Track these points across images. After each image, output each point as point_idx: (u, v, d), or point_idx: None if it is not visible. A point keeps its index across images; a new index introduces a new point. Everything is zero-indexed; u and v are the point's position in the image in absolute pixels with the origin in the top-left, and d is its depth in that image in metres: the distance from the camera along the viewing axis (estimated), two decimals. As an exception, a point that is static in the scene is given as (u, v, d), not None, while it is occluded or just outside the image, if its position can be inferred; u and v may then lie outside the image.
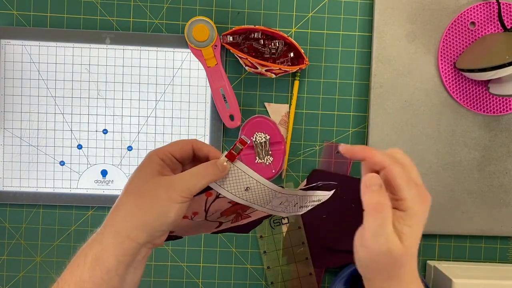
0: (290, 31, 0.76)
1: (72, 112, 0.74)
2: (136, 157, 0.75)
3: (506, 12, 0.75)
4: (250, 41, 0.73)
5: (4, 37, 0.73)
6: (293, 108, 0.76)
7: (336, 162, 0.77)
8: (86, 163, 0.75)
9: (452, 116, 0.76)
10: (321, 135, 0.77)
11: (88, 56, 0.74)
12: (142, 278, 0.78)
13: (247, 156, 0.74)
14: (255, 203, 0.49)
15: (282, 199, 0.50)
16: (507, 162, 0.77)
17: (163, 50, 0.75)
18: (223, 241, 0.77)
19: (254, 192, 0.48)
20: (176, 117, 0.75)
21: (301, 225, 0.77)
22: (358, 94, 0.77)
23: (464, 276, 0.72)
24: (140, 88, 0.75)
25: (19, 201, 0.75)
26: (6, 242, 0.76)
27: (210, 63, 0.73)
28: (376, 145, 0.76)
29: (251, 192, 0.48)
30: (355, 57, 0.77)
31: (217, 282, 0.78)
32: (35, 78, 0.74)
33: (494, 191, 0.77)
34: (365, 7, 0.76)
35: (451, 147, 0.76)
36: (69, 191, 0.75)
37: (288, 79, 0.77)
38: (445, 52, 0.75)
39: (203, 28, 0.72)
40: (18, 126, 0.74)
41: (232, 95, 0.73)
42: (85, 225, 0.76)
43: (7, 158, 0.74)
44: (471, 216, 0.77)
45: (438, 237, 0.79)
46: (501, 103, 0.76)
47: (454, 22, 0.75)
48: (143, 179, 0.45)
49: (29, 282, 0.76)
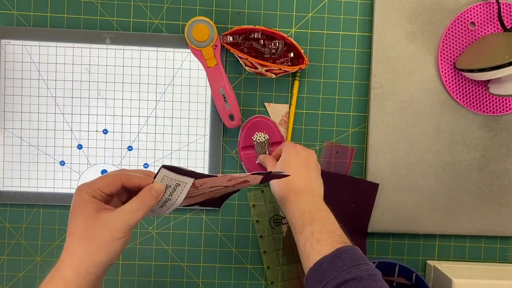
0: (290, 31, 0.76)
1: (72, 112, 0.75)
2: (136, 157, 0.75)
3: (506, 12, 0.75)
4: (250, 41, 0.73)
5: (4, 37, 0.73)
6: (293, 108, 0.76)
7: (336, 162, 0.77)
8: (86, 163, 0.75)
9: (452, 116, 0.76)
10: (321, 135, 0.77)
11: (88, 56, 0.74)
12: (142, 278, 0.78)
13: (247, 156, 0.74)
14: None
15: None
16: (507, 162, 0.77)
17: (163, 50, 0.75)
18: (223, 241, 0.78)
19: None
20: (176, 117, 0.75)
21: (301, 225, 0.76)
22: (358, 94, 0.77)
23: (464, 276, 0.72)
24: (140, 88, 0.75)
25: (19, 201, 0.75)
26: (6, 242, 0.76)
27: (210, 63, 0.73)
28: (376, 145, 0.76)
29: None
30: (355, 57, 0.77)
31: (217, 282, 0.78)
32: (35, 78, 0.74)
33: (494, 191, 0.77)
34: (365, 7, 0.76)
35: (451, 147, 0.76)
36: (69, 191, 0.75)
37: (288, 79, 0.77)
38: (445, 52, 0.75)
39: (203, 28, 0.72)
40: (18, 126, 0.74)
41: (232, 95, 0.73)
42: (85, 225, 0.76)
43: (7, 158, 0.74)
44: (471, 216, 0.77)
45: (438, 237, 0.79)
46: (501, 103, 0.76)
47: (454, 22, 0.75)
48: (83, 221, 0.47)
49: (29, 282, 0.76)
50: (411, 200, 0.76)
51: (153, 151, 0.75)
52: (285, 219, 0.77)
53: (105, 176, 0.49)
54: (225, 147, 0.77)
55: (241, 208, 0.77)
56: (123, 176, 0.49)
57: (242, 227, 0.77)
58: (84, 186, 0.48)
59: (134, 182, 0.49)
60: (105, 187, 0.48)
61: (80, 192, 0.47)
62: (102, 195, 0.48)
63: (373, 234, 0.78)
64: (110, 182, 0.48)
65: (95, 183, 0.48)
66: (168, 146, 0.75)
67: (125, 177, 0.49)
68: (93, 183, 0.48)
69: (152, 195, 0.48)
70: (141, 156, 0.75)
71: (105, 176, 0.49)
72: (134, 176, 0.49)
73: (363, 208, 0.76)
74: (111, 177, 0.48)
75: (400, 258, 0.79)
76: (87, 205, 0.47)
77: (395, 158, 0.76)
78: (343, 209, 0.76)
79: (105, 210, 0.47)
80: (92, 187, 0.47)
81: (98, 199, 0.48)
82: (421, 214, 0.77)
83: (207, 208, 0.77)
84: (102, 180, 0.48)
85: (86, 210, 0.47)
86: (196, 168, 0.75)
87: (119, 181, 0.48)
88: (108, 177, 0.48)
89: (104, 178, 0.48)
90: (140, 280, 0.77)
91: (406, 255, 0.79)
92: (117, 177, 0.48)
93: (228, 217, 0.77)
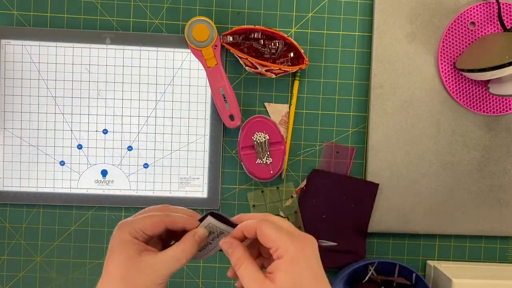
0: (290, 31, 0.76)
1: (72, 112, 0.74)
2: (136, 157, 0.75)
3: (506, 12, 0.75)
4: (250, 41, 0.73)
5: (4, 37, 0.73)
6: (293, 108, 0.76)
7: (336, 162, 0.77)
8: (86, 163, 0.75)
9: (452, 116, 0.76)
10: (321, 135, 0.77)
11: (88, 56, 0.74)
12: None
13: (247, 156, 0.74)
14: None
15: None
16: (507, 162, 0.77)
17: (163, 50, 0.75)
18: (223, 241, 0.77)
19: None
20: (176, 117, 0.75)
21: (301, 225, 0.77)
22: (358, 94, 0.77)
23: (464, 276, 0.72)
24: (140, 88, 0.75)
25: (19, 201, 0.75)
26: (6, 242, 0.76)
27: (210, 63, 0.73)
28: (376, 145, 0.76)
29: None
30: (355, 57, 0.77)
31: (217, 282, 0.78)
32: (35, 78, 0.74)
33: (494, 191, 0.77)
34: (365, 7, 0.76)
35: (451, 147, 0.76)
36: (69, 191, 0.75)
37: (288, 79, 0.77)
38: (445, 52, 0.75)
39: (203, 28, 0.72)
40: (18, 126, 0.74)
41: (232, 95, 0.73)
42: (85, 225, 0.76)
43: (7, 158, 0.74)
44: (471, 216, 0.77)
45: (438, 237, 0.79)
46: (501, 103, 0.76)
47: (454, 22, 0.75)
48: (122, 263, 0.45)
49: (29, 282, 0.76)
50: (411, 200, 0.76)
51: (153, 151, 0.75)
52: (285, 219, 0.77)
53: (149, 217, 0.47)
54: (225, 147, 0.77)
55: (241, 208, 0.77)
56: (167, 218, 0.47)
57: (242, 227, 0.77)
58: (126, 225, 0.46)
59: (179, 224, 0.47)
60: (148, 228, 0.46)
61: (121, 231, 0.46)
62: (144, 236, 0.46)
63: (373, 234, 0.78)
64: (154, 223, 0.46)
65: (137, 223, 0.46)
66: (168, 146, 0.75)
67: (169, 220, 0.47)
68: (135, 222, 0.46)
69: (195, 241, 0.47)
70: (141, 156, 0.75)
71: (148, 216, 0.47)
72: (178, 218, 0.47)
73: (363, 208, 0.76)
74: (154, 218, 0.46)
75: (400, 258, 0.79)
76: (128, 246, 0.45)
77: (395, 158, 0.76)
78: (343, 209, 0.76)
79: (147, 252, 0.46)
80: (134, 227, 0.46)
81: (140, 240, 0.46)
82: (421, 214, 0.77)
83: (208, 209, 0.77)
84: (145, 221, 0.46)
85: (127, 251, 0.45)
86: (196, 168, 0.76)
87: (163, 223, 0.47)
88: (152, 218, 0.46)
89: (147, 219, 0.46)
90: None
91: (406, 255, 0.79)
92: (161, 220, 0.46)
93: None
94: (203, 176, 0.76)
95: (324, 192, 0.76)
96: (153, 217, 0.47)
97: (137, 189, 0.75)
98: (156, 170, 0.75)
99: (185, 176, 0.76)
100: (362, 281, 0.74)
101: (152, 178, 0.75)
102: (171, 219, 0.47)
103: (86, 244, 0.77)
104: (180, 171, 0.76)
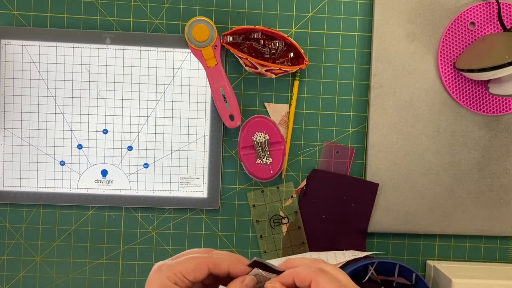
0: (290, 31, 0.76)
1: (72, 112, 0.75)
2: (136, 157, 0.75)
3: (506, 12, 0.75)
4: (250, 41, 0.73)
5: (4, 37, 0.73)
6: (293, 108, 0.76)
7: (336, 162, 0.77)
8: (86, 163, 0.75)
9: (452, 116, 0.76)
10: (321, 135, 0.77)
11: (88, 56, 0.74)
12: (143, 278, 0.78)
13: (247, 156, 0.74)
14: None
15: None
16: (507, 162, 0.77)
17: (163, 50, 0.75)
18: (223, 241, 0.78)
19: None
20: (176, 117, 0.75)
21: (301, 225, 0.77)
22: (358, 94, 0.77)
23: (464, 276, 0.72)
24: (140, 88, 0.75)
25: (19, 201, 0.75)
26: (6, 242, 0.76)
27: (210, 63, 0.73)
28: (376, 145, 0.76)
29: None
30: (355, 57, 0.77)
31: (217, 282, 0.78)
32: (35, 78, 0.74)
33: (494, 191, 0.77)
34: (365, 7, 0.76)
35: (451, 147, 0.76)
36: (69, 191, 0.75)
37: (288, 79, 0.77)
38: (445, 52, 0.75)
39: (203, 28, 0.72)
40: (18, 126, 0.74)
41: (232, 95, 0.73)
42: (85, 225, 0.76)
43: (7, 158, 0.74)
44: (471, 216, 0.77)
45: (438, 237, 0.79)
46: (500, 103, 0.76)
47: (454, 22, 0.75)
48: None
49: (29, 282, 0.76)
50: (411, 200, 0.76)
51: (153, 151, 0.75)
52: (285, 219, 0.77)
53: (190, 260, 0.42)
54: (225, 147, 0.77)
55: (241, 208, 0.77)
56: (210, 261, 0.42)
57: (242, 227, 0.78)
58: (165, 268, 0.41)
59: (223, 268, 0.42)
60: (190, 272, 0.41)
61: (159, 275, 0.41)
62: (185, 281, 0.41)
63: (373, 234, 0.78)
64: (196, 267, 0.41)
65: (178, 267, 0.41)
66: (168, 146, 0.75)
67: (212, 263, 0.42)
68: (175, 266, 0.41)
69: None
70: (141, 156, 0.75)
71: (189, 259, 0.42)
72: (222, 261, 0.42)
73: (363, 208, 0.76)
74: (196, 260, 0.42)
75: (400, 258, 0.79)
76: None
77: (395, 158, 0.76)
78: (343, 209, 0.76)
79: None
80: (173, 271, 0.41)
81: (180, 285, 0.41)
82: (421, 214, 0.77)
83: (208, 209, 0.77)
84: (186, 264, 0.41)
85: None
86: (196, 168, 0.76)
87: (205, 266, 0.42)
88: (193, 260, 0.42)
89: (189, 262, 0.42)
90: (140, 280, 0.77)
91: (406, 255, 0.79)
92: (204, 263, 0.42)
93: (228, 217, 0.77)
94: (203, 176, 0.76)
95: (324, 192, 0.76)
96: (194, 259, 0.42)
97: (137, 189, 0.75)
98: (156, 170, 0.75)
99: (185, 176, 0.76)
100: (362, 281, 0.74)
101: (152, 178, 0.75)
102: (215, 262, 0.42)
103: (86, 244, 0.77)
104: (180, 171, 0.76)
